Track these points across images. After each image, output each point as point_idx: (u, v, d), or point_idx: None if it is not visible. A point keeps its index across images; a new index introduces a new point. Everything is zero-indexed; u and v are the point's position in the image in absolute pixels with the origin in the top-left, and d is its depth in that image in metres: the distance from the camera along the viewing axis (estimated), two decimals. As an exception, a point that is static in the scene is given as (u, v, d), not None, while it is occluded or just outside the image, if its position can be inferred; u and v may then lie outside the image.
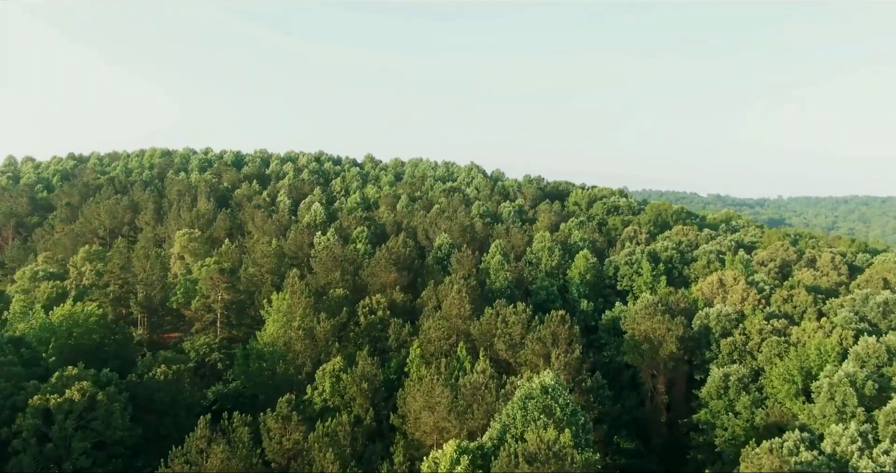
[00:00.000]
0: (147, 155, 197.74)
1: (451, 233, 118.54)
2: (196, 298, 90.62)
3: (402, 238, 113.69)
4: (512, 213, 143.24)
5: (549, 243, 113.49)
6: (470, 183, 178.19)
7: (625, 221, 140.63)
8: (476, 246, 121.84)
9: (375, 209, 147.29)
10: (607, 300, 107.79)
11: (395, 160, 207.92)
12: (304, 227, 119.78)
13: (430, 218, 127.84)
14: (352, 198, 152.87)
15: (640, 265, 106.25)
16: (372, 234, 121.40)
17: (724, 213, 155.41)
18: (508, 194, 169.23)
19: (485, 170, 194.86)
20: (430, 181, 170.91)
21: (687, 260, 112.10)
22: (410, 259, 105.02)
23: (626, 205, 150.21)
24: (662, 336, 78.94)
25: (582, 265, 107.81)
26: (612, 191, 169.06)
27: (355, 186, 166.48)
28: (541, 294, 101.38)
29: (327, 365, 68.23)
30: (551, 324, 74.72)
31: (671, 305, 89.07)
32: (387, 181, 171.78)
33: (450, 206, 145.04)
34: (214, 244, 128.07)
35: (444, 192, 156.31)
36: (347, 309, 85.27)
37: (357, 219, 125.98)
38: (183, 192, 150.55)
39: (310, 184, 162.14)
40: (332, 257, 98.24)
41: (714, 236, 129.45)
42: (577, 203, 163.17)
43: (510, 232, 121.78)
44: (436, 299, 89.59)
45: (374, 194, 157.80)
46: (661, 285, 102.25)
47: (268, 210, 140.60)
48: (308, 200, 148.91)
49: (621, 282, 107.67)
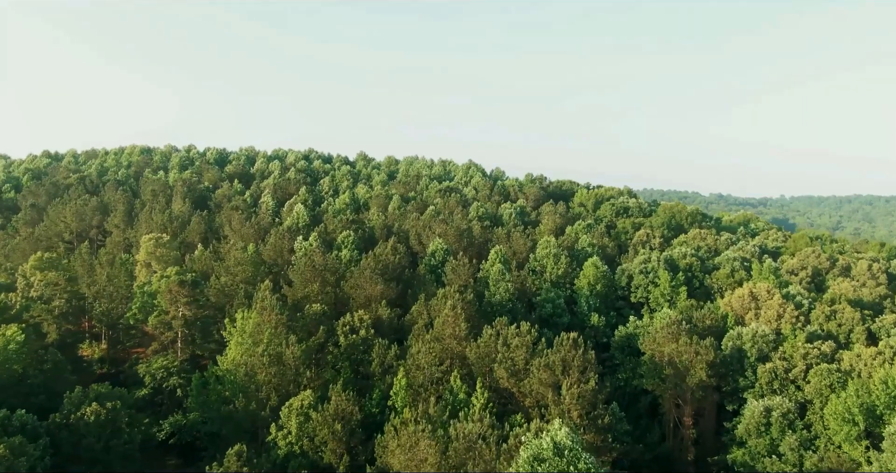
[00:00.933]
0: (126, 153, 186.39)
1: (447, 237, 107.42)
2: (154, 314, 79.45)
3: (392, 243, 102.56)
4: (513, 215, 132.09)
5: (554, 249, 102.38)
6: (468, 182, 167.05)
7: (635, 224, 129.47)
8: (474, 252, 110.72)
9: (366, 210, 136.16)
10: (620, 313, 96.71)
11: (388, 158, 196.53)
12: (284, 231, 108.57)
13: (424, 220, 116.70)
14: (340, 199, 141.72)
15: (657, 274, 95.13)
16: (359, 239, 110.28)
17: (741, 215, 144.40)
18: (509, 194, 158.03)
19: (484, 168, 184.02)
20: (426, 180, 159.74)
21: (708, 268, 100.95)
22: (400, 267, 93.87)
23: (636, 206, 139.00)
24: (690, 361, 67.87)
25: (591, 274, 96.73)
26: (620, 191, 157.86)
27: (345, 186, 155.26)
28: (546, 307, 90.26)
29: (295, 400, 57.16)
30: (561, 349, 63.62)
31: (696, 322, 78.05)
32: (379, 180, 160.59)
33: (446, 208, 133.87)
34: (188, 249, 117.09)
35: (440, 193, 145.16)
36: (325, 327, 74.22)
37: (343, 223, 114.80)
38: (157, 193, 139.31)
39: (296, 184, 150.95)
40: (310, 266, 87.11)
41: (734, 241, 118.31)
42: (582, 204, 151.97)
43: (511, 236, 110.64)
44: (427, 315, 78.50)
45: (365, 194, 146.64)
46: (680, 297, 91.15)
47: (249, 212, 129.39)
48: (292, 201, 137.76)
49: (635, 294, 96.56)
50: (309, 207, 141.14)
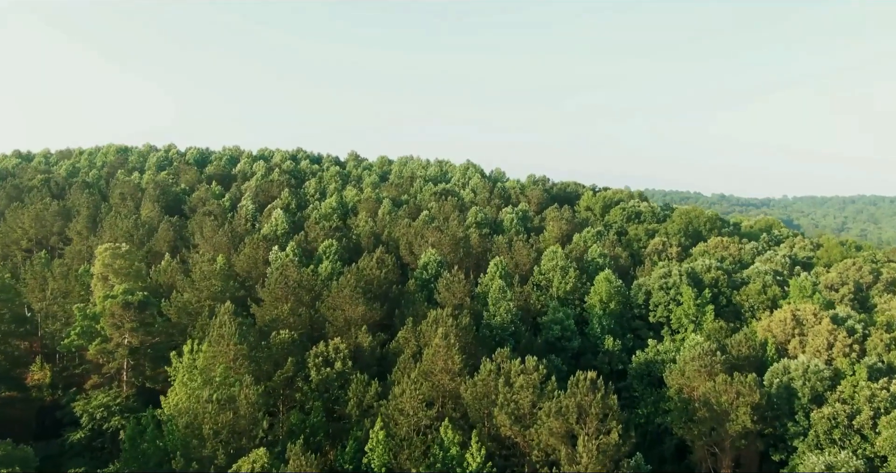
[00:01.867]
0: (101, 152, 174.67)
1: (441, 247, 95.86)
2: (95, 342, 67.80)
3: (379, 254, 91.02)
4: (514, 221, 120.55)
5: (561, 261, 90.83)
6: (466, 184, 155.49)
7: (649, 231, 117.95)
8: (471, 263, 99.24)
9: (354, 216, 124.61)
10: (637, 335, 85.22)
11: (381, 158, 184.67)
12: (258, 240, 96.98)
13: (416, 227, 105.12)
14: (327, 203, 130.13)
15: (679, 290, 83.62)
16: (343, 249, 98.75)
17: (762, 220, 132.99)
18: (510, 197, 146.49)
19: (483, 169, 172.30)
20: (420, 182, 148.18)
21: (736, 283, 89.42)
22: (387, 283, 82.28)
23: (648, 210, 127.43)
24: (730, 403, 56.35)
25: (604, 290, 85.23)
26: (630, 194, 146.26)
27: (333, 188, 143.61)
28: (553, 329, 78.76)
29: (243, 463, 45.57)
30: (577, 391, 52.13)
31: (731, 351, 66.55)
32: (370, 182, 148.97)
33: (441, 213, 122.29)
34: (156, 259, 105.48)
35: (435, 196, 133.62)
36: (294, 359, 62.63)
37: (326, 230, 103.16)
38: (126, 196, 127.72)
39: (279, 186, 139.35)
40: (282, 282, 75.57)
41: (760, 250, 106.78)
42: (589, 208, 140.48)
43: (513, 245, 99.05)
44: (415, 343, 66.99)
45: (354, 198, 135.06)
46: (707, 318, 79.63)
47: (224, 217, 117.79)
48: (273, 206, 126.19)
49: (655, 313, 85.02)
50: (291, 212, 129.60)
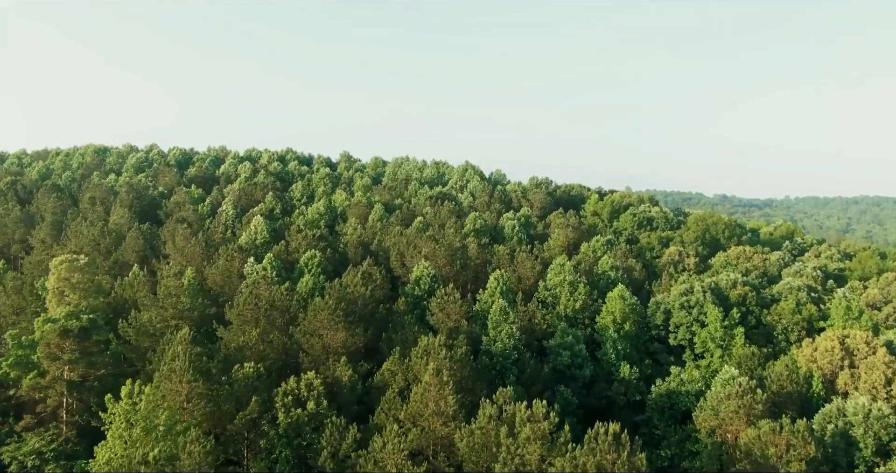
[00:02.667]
0: (78, 153, 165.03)
1: (436, 259, 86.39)
2: (30, 375, 58.21)
3: (366, 268, 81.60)
4: (516, 228, 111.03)
5: (569, 275, 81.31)
6: (464, 187, 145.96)
7: (663, 239, 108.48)
8: (469, 276, 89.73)
9: (343, 222, 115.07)
10: (656, 360, 75.86)
11: (375, 159, 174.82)
12: (233, 251, 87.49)
13: (409, 236, 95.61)
14: (314, 208, 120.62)
15: (704, 309, 74.15)
16: (328, 261, 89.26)
17: (784, 227, 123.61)
18: (511, 201, 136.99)
19: (482, 170, 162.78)
20: (415, 185, 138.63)
21: (765, 300, 79.97)
22: (373, 302, 72.72)
23: (661, 216, 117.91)
24: (779, 457, 46.87)
25: (618, 308, 75.76)
26: (640, 198, 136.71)
27: (321, 192, 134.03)
28: (562, 355, 69.23)
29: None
30: (597, 449, 42.65)
31: (769, 385, 57.11)
32: (361, 185, 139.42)
33: (437, 219, 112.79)
34: (123, 271, 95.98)
35: (431, 200, 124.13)
36: (260, 398, 53.18)
37: (308, 239, 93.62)
38: (96, 200, 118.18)
39: (263, 189, 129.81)
40: (252, 302, 66.06)
41: (787, 261, 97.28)
42: (596, 213, 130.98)
43: (515, 257, 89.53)
44: (403, 377, 57.52)
45: (343, 202, 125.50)
46: (737, 342, 70.17)
47: (200, 224, 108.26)
48: (255, 211, 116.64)
49: (676, 335, 75.56)
50: (275, 218, 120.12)
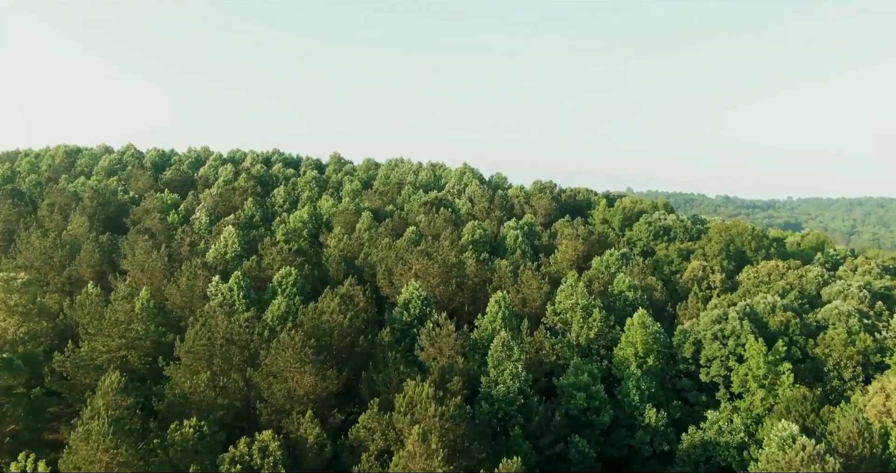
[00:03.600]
0: (48, 154, 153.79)
1: (428, 277, 75.35)
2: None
3: (347, 289, 70.66)
4: (519, 239, 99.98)
5: (582, 297, 70.23)
6: (462, 191, 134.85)
7: (682, 251, 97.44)
8: (466, 297, 78.72)
9: (328, 231, 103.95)
10: (685, 399, 64.82)
11: (367, 161, 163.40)
12: (196, 268, 76.49)
13: (398, 250, 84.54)
14: (296, 215, 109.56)
15: (741, 340, 63.10)
16: (305, 279, 78.23)
17: (813, 237, 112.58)
18: (513, 208, 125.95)
19: (481, 173, 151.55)
20: (408, 190, 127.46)
21: (810, 328, 68.91)
22: (352, 333, 61.60)
23: (679, 226, 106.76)
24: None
25: (639, 338, 64.76)
26: (653, 204, 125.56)
27: (306, 197, 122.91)
28: (576, 398, 58.17)
29: None
30: None
31: (836, 446, 46.12)
32: (350, 190, 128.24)
33: (431, 228, 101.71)
34: (77, 289, 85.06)
35: (425, 207, 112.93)
36: (199, 468, 42.12)
37: (284, 254, 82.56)
38: (55, 207, 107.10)
39: (242, 195, 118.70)
40: (204, 335, 55.04)
41: (826, 279, 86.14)
42: (606, 220, 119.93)
43: (519, 274, 78.45)
44: (382, 437, 46.50)
45: (330, 209, 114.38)
46: (783, 382, 59.12)
47: (167, 234, 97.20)
48: (229, 220, 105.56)
49: (708, 370, 64.49)
50: (255, 226, 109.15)
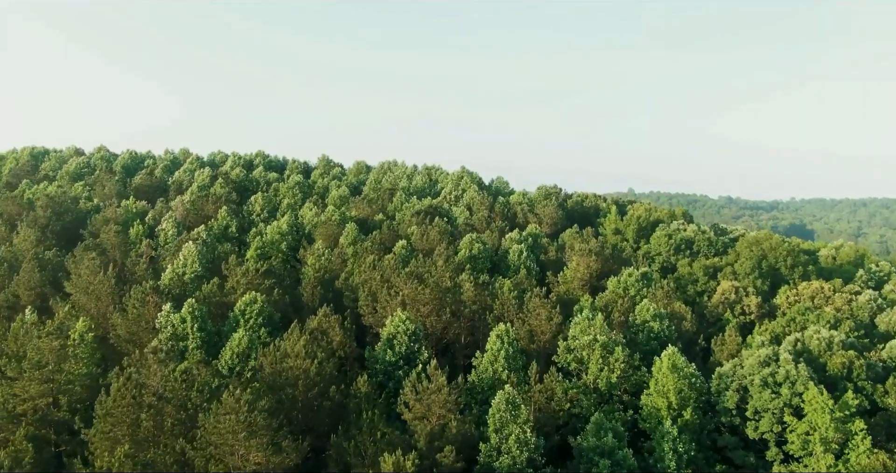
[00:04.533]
0: (11, 158, 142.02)
1: (418, 305, 63.81)
2: None
3: (319, 321, 59.25)
4: (524, 254, 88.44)
5: (601, 332, 58.68)
6: (459, 198, 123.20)
7: (708, 269, 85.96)
8: (463, 328, 67.15)
9: (308, 245, 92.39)
10: (728, 459, 53.30)
11: (357, 164, 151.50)
12: (145, 294, 64.99)
13: (385, 270, 72.99)
14: (274, 226, 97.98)
15: (800, 388, 51.59)
16: (275, 306, 66.67)
17: (850, 249, 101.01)
18: (516, 216, 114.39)
19: (480, 178, 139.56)
20: (401, 196, 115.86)
21: (875, 370, 57.39)
22: (319, 384, 49.92)
23: (702, 238, 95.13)
24: None
25: (671, 385, 53.27)
26: (670, 213, 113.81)
27: (287, 205, 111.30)
28: (599, 466, 46.62)
29: None
30: None
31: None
32: (336, 196, 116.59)
33: (423, 242, 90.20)
34: (13, 314, 73.61)
35: (418, 216, 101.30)
36: None
37: (251, 276, 70.93)
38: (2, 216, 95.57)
39: (216, 203, 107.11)
40: (129, 394, 43.55)
41: (880, 305, 74.54)
42: (619, 231, 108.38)
43: (526, 302, 66.80)
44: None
45: (313, 219, 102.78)
46: (858, 446, 47.59)
47: (122, 250, 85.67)
48: (199, 231, 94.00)
49: (756, 425, 52.94)
50: (230, 237, 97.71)
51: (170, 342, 61.13)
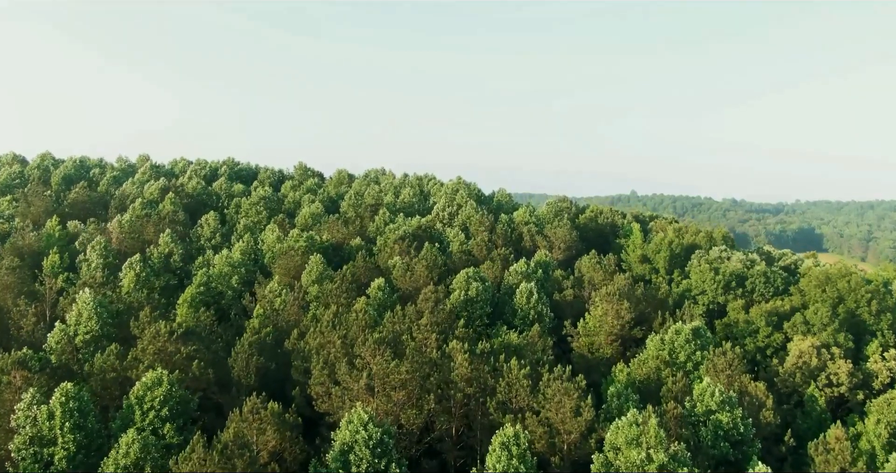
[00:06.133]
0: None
1: (389, 391, 44.84)
2: None
3: (243, 419, 40.47)
4: (534, 296, 69.39)
5: (658, 446, 39.69)
6: (454, 215, 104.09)
7: (770, 316, 66.93)
8: (455, 423, 48.14)
9: (263, 283, 73.48)
10: None
11: (338, 173, 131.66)
12: (9, 370, 46.03)
13: (349, 328, 53.98)
14: (223, 256, 79.09)
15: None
16: (192, 388, 47.75)
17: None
18: (521, 239, 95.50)
19: (479, 189, 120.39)
20: (384, 215, 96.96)
21: None
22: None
23: (756, 273, 76.01)
24: None
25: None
26: (707, 236, 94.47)
27: (244, 227, 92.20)
28: None
29: None
30: None
31: None
32: (308, 214, 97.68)
33: (407, 281, 71.21)
34: None
35: (402, 242, 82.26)
36: None
37: (161, 341, 51.81)
38: None
39: (158, 224, 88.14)
40: None
41: None
42: (646, 258, 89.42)
43: (542, 388, 47.53)
44: None
45: (274, 245, 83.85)
46: None
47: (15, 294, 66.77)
48: (134, 261, 75.12)
49: None
50: (171, 269, 79.00)
51: (31, 449, 42.48)
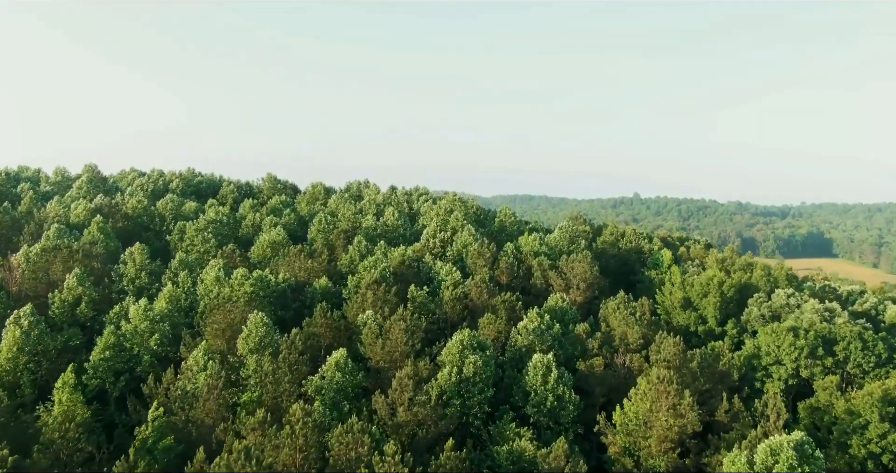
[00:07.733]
0: None
1: None
2: None
3: None
4: (553, 374, 50.22)
5: None
6: (447, 243, 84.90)
7: (884, 405, 47.92)
8: None
9: (190, 346, 54.42)
10: None
11: (313, 187, 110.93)
12: None
13: (280, 453, 34.92)
14: (142, 305, 59.90)
15: None
16: None
17: None
18: (530, 274, 76.45)
19: (478, 206, 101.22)
20: (360, 244, 77.72)
21: None
22: None
23: (847, 331, 56.91)
24: None
25: None
26: (765, 275, 75.05)
27: (180, 262, 72.75)
28: None
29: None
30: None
31: None
32: (266, 243, 78.52)
33: (380, 351, 52.01)
34: None
35: (378, 288, 63.03)
36: None
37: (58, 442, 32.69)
38: None
39: (69, 259, 68.85)
40: None
41: None
42: (689, 303, 70.29)
43: None
44: None
45: (212, 288, 64.63)
46: None
47: None
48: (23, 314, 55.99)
49: None
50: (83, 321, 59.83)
51: None
